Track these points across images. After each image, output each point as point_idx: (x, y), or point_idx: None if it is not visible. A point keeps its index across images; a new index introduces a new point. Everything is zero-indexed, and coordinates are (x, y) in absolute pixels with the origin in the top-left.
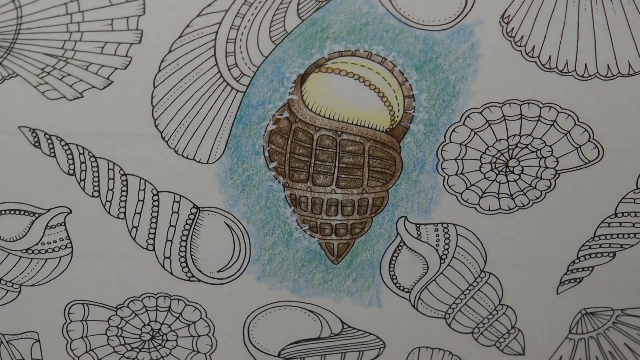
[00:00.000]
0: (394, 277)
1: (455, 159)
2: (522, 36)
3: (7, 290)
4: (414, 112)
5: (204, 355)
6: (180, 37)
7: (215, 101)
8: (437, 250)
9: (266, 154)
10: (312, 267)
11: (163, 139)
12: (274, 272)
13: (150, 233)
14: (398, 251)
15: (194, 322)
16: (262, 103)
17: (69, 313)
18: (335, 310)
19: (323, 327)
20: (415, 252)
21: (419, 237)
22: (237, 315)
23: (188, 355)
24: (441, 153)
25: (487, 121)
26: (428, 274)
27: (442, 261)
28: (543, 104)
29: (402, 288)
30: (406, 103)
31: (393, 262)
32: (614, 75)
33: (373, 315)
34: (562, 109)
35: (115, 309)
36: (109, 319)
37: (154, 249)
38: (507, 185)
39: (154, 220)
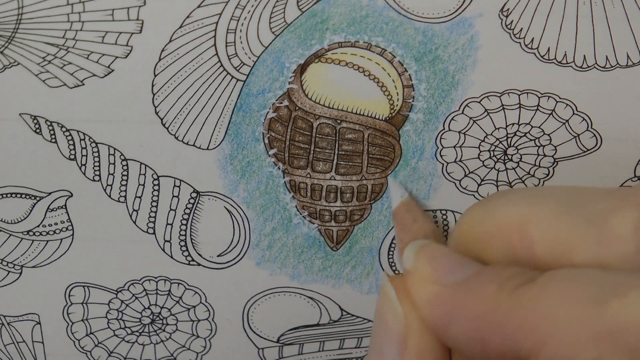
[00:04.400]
0: (393, 264)
1: (454, 147)
2: (522, 28)
3: (9, 272)
4: (413, 101)
5: (203, 340)
6: (180, 27)
7: (216, 89)
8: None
9: (266, 141)
10: (311, 254)
11: (163, 125)
12: (273, 257)
13: (150, 217)
14: None
15: (194, 307)
16: (262, 92)
17: (69, 295)
18: (334, 297)
19: (322, 314)
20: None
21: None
22: (237, 300)
23: (188, 340)
24: (440, 141)
25: (486, 110)
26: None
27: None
28: (542, 94)
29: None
30: (405, 92)
31: (392, 249)
32: (612, 67)
33: (372, 302)
34: (560, 98)
35: (116, 292)
36: (110, 302)
37: (154, 233)
38: (505, 173)
39: (154, 204)
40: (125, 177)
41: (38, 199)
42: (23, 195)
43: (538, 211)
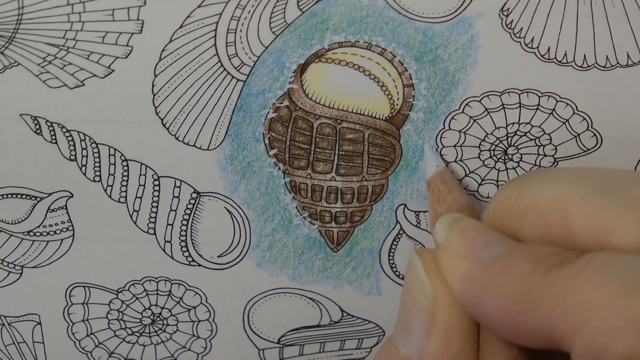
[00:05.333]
0: (394, 265)
1: (455, 146)
2: (522, 28)
3: (9, 272)
4: (413, 100)
5: (204, 341)
6: (180, 27)
7: (216, 90)
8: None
9: (266, 141)
10: (312, 255)
11: (164, 126)
12: (274, 258)
13: (151, 217)
14: (398, 239)
15: (195, 307)
16: (262, 92)
17: (70, 296)
18: (334, 298)
19: (323, 315)
20: (415, 240)
21: (418, 225)
22: (238, 301)
23: (188, 340)
24: (440, 140)
25: (486, 109)
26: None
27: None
28: (542, 93)
29: (401, 276)
30: (406, 92)
31: (393, 250)
32: (612, 66)
33: (372, 303)
34: (560, 98)
35: (116, 293)
36: (110, 302)
37: (154, 233)
38: (506, 172)
39: (154, 204)
40: (125, 178)
41: (38, 199)
42: (23, 196)
43: (577, 191)
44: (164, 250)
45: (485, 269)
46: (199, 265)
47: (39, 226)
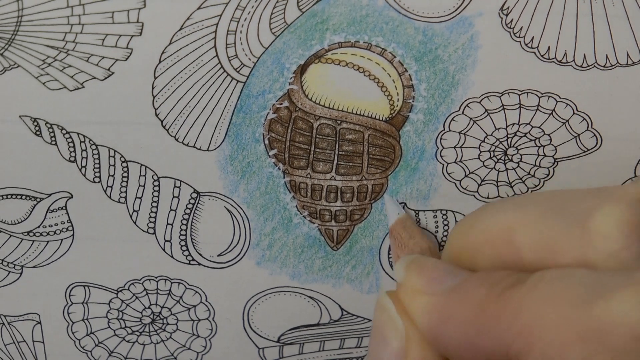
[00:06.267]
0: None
1: (455, 147)
2: (522, 27)
3: (9, 272)
4: (413, 101)
5: (203, 340)
6: (180, 29)
7: (216, 91)
8: (436, 236)
9: (266, 142)
10: (311, 253)
11: (164, 127)
12: (273, 257)
13: (150, 217)
14: None
15: (194, 306)
16: (262, 93)
17: (70, 295)
18: (334, 296)
19: (322, 314)
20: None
21: (418, 224)
22: (237, 300)
23: (188, 339)
24: (440, 141)
25: (486, 110)
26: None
27: (441, 248)
28: (542, 94)
29: None
30: (405, 93)
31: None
32: (612, 66)
33: (372, 301)
34: (560, 98)
35: (116, 292)
36: (110, 301)
37: (154, 233)
38: (505, 173)
39: (154, 204)
40: (125, 179)
41: (38, 200)
42: (23, 197)
43: (522, 217)
44: (163, 250)
45: (443, 299)
46: (199, 264)
47: (38, 226)
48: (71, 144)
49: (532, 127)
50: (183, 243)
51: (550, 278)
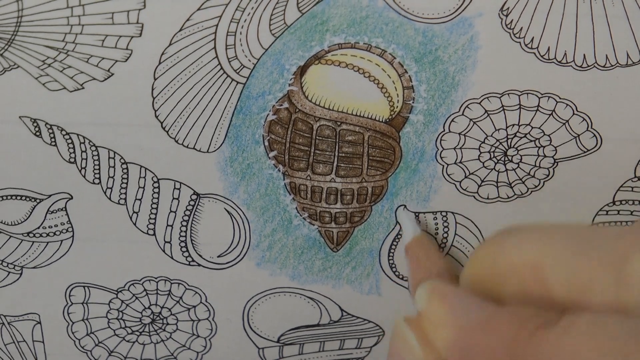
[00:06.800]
0: (393, 265)
1: (454, 148)
2: (521, 28)
3: (9, 272)
4: (413, 102)
5: (203, 340)
6: (180, 30)
7: (216, 92)
8: (436, 238)
9: (266, 143)
10: (311, 255)
11: (163, 129)
12: (273, 258)
13: (150, 218)
14: (397, 239)
15: (194, 307)
16: (262, 94)
17: (70, 295)
18: (334, 297)
19: (322, 314)
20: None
21: (417, 224)
22: (237, 300)
23: (188, 339)
24: (440, 142)
25: (486, 111)
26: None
27: (441, 249)
28: (542, 94)
29: (401, 276)
30: (405, 94)
31: (392, 250)
32: (612, 66)
33: (372, 303)
34: (560, 98)
35: (116, 292)
36: (110, 302)
37: (154, 234)
38: (505, 174)
39: (154, 206)
40: (125, 180)
41: (38, 201)
42: (23, 198)
43: (552, 252)
44: (163, 251)
45: (471, 334)
46: (199, 265)
47: (38, 227)
48: (71, 145)
49: (532, 127)
50: (183, 244)
51: (584, 323)
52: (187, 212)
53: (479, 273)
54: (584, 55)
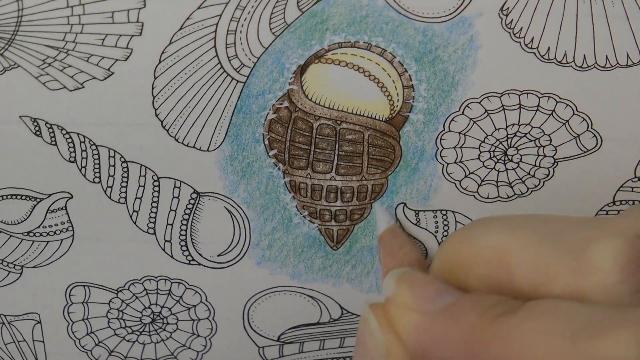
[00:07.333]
0: None
1: (454, 148)
2: (522, 28)
3: (9, 272)
4: (413, 101)
5: (204, 339)
6: (180, 29)
7: (216, 91)
8: (435, 236)
9: (266, 142)
10: (311, 253)
11: (164, 127)
12: (273, 257)
13: (150, 217)
14: None
15: (194, 306)
16: (262, 93)
17: (70, 295)
18: (334, 295)
19: (322, 313)
20: (414, 238)
21: (417, 224)
22: (237, 299)
23: (188, 339)
24: (440, 142)
25: (486, 111)
26: (427, 261)
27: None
28: (542, 94)
29: None
30: (405, 93)
31: None
32: (612, 66)
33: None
34: (560, 98)
35: (116, 292)
36: (110, 301)
37: (154, 233)
38: (505, 173)
39: (154, 204)
40: (125, 179)
41: (38, 200)
42: (23, 197)
43: (517, 240)
44: (163, 250)
45: (434, 320)
46: (199, 264)
47: (38, 227)
48: (71, 144)
49: (532, 127)
50: (183, 243)
51: (543, 309)
52: (187, 211)
53: (448, 261)
54: (584, 55)
